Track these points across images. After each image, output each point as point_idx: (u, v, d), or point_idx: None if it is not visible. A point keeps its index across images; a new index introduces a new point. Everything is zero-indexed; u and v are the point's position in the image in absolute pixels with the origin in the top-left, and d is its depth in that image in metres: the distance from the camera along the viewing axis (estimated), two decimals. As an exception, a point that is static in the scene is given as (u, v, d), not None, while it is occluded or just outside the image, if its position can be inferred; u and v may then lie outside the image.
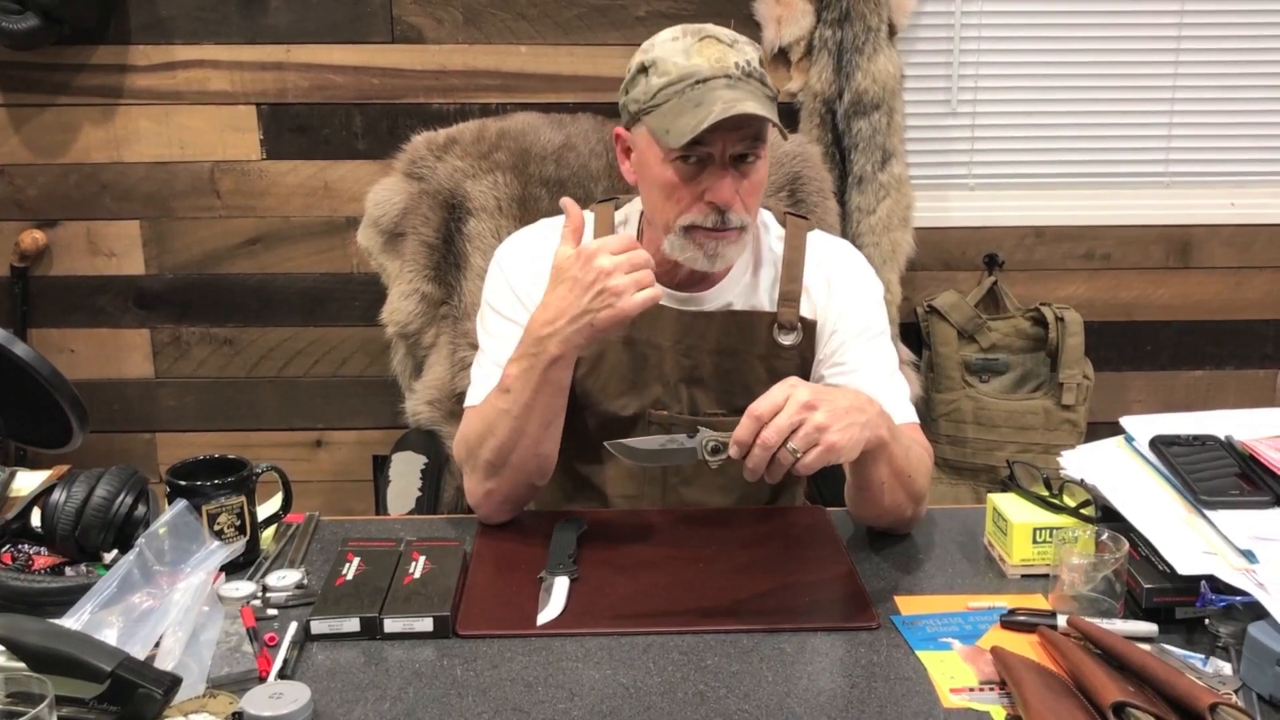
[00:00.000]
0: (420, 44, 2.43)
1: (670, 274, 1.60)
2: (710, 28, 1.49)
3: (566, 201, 1.48)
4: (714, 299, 1.61)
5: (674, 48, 1.47)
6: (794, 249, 1.63)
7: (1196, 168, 2.65)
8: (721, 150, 1.45)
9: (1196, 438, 1.48)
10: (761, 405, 1.26)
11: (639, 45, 1.52)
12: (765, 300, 1.62)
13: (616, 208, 1.68)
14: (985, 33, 2.54)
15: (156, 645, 1.19)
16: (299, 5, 2.40)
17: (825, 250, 1.65)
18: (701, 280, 1.61)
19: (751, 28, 2.42)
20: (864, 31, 2.35)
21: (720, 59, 1.44)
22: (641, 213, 1.63)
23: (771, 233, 1.66)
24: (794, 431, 1.25)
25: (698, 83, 1.43)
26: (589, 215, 1.68)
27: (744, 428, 1.26)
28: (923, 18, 2.51)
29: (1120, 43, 2.56)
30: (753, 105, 1.41)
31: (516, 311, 1.59)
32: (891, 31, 2.39)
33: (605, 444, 1.36)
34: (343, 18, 2.41)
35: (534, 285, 1.59)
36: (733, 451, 1.27)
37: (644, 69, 1.49)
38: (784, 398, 1.26)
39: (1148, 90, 2.59)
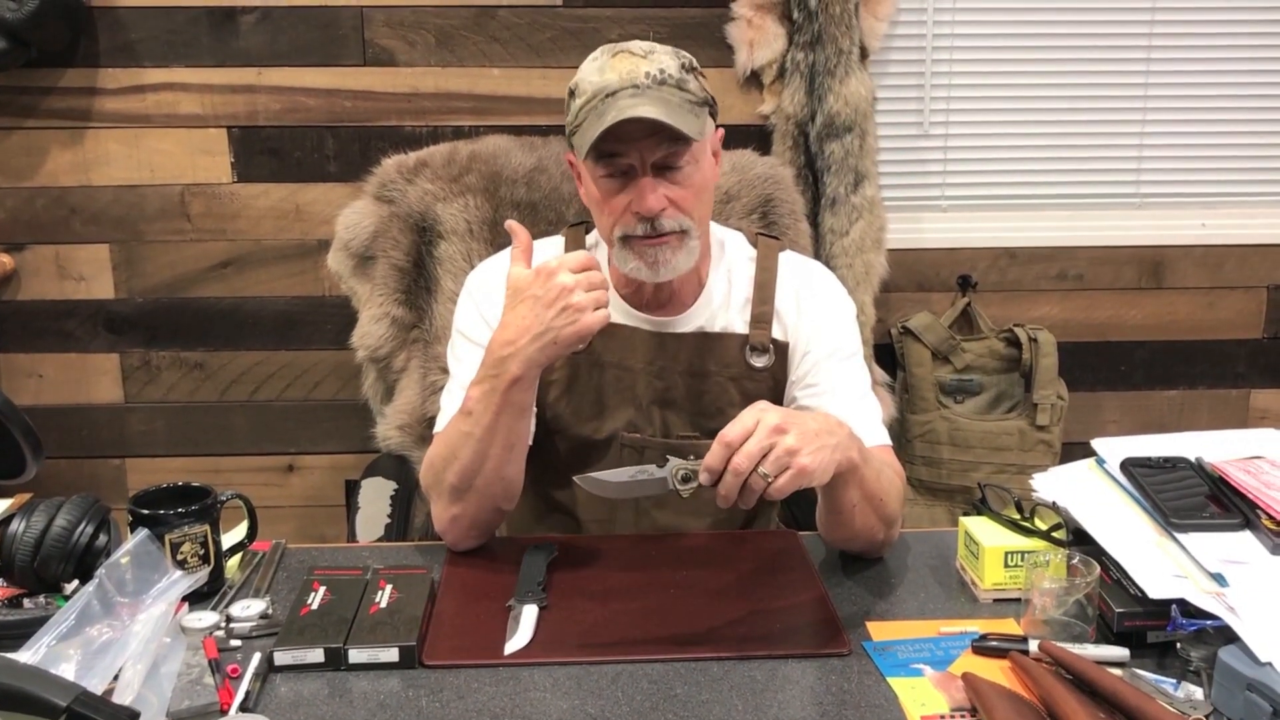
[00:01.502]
0: (392, 66, 2.42)
1: (639, 294, 1.59)
2: (627, 43, 1.51)
3: (512, 224, 1.48)
4: (687, 321, 1.61)
5: (591, 67, 1.50)
6: (765, 270, 1.63)
7: (1168, 189, 2.66)
8: (641, 159, 1.46)
9: (1167, 460, 1.47)
10: (731, 431, 1.25)
11: (612, 68, 1.53)
12: (737, 322, 1.62)
13: (588, 230, 1.68)
14: (957, 55, 2.56)
15: (115, 678, 1.17)
16: (270, 28, 2.39)
17: (797, 271, 1.65)
18: (672, 301, 1.60)
19: (724, 51, 2.42)
20: (836, 54, 2.35)
21: (631, 71, 1.46)
22: None
23: (743, 254, 1.66)
24: (765, 456, 1.24)
25: (606, 97, 1.45)
26: (559, 239, 1.68)
27: (714, 454, 1.25)
28: (894, 40, 2.52)
29: (1090, 65, 2.58)
30: (647, 110, 1.42)
31: (486, 338, 1.58)
32: (863, 54, 2.40)
33: (575, 479, 1.35)
34: (314, 40, 2.40)
35: (501, 311, 1.58)
36: (703, 479, 1.26)
37: (571, 93, 1.52)
38: (754, 422, 1.25)
39: (1118, 112, 2.61)
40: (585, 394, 1.61)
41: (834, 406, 1.56)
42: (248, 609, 1.33)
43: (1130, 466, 1.46)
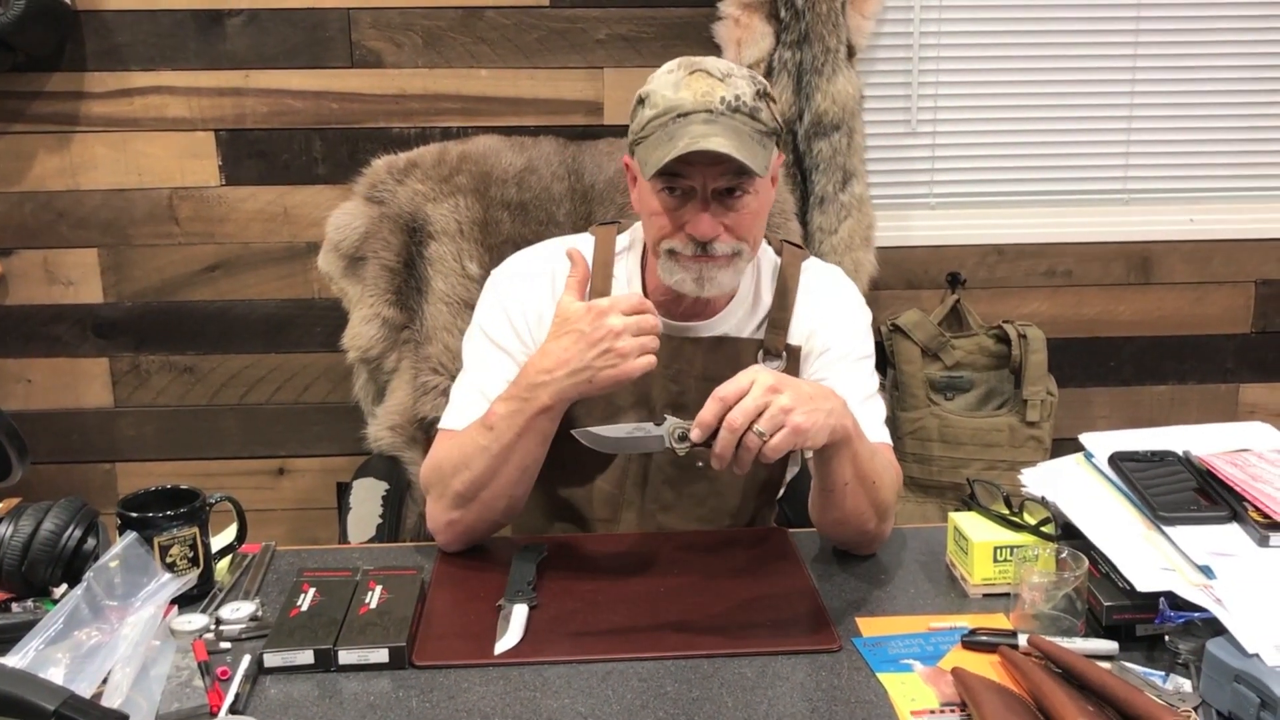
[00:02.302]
0: (380, 68, 2.42)
1: (676, 303, 1.58)
2: (706, 61, 1.48)
3: (573, 252, 1.48)
4: (709, 328, 1.60)
5: (666, 80, 1.47)
6: (788, 278, 1.63)
7: (1155, 184, 2.67)
8: (702, 184, 1.45)
9: (1155, 454, 1.48)
10: (727, 389, 1.26)
11: (600, 68, 1.52)
12: (756, 328, 1.62)
13: (620, 231, 1.67)
14: (944, 53, 2.56)
15: (104, 682, 1.16)
16: (257, 30, 2.39)
17: (817, 277, 1.66)
18: (704, 310, 1.60)
19: (711, 50, 2.42)
20: (823, 53, 2.36)
21: (706, 93, 1.43)
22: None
23: (769, 263, 1.65)
24: (759, 415, 1.24)
25: (679, 116, 1.43)
26: (589, 237, 1.66)
27: (709, 410, 1.26)
28: (881, 39, 2.52)
29: (1077, 61, 2.58)
30: (720, 142, 1.40)
31: (507, 338, 1.57)
32: (850, 52, 2.40)
33: (572, 431, 1.35)
34: (301, 42, 2.40)
35: (528, 310, 1.57)
36: (695, 434, 1.27)
37: (640, 100, 1.49)
38: (749, 382, 1.27)
39: (1105, 108, 2.61)
40: (600, 396, 1.60)
41: None
42: (237, 611, 1.33)
43: (1118, 461, 1.47)
